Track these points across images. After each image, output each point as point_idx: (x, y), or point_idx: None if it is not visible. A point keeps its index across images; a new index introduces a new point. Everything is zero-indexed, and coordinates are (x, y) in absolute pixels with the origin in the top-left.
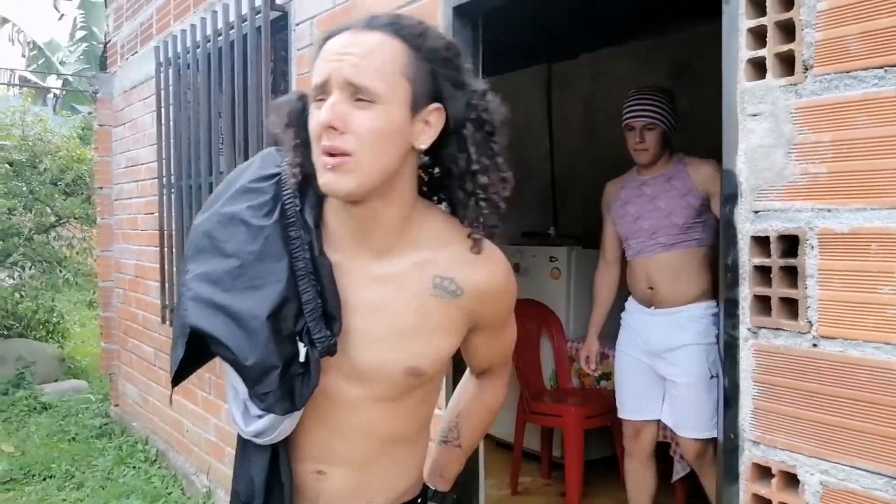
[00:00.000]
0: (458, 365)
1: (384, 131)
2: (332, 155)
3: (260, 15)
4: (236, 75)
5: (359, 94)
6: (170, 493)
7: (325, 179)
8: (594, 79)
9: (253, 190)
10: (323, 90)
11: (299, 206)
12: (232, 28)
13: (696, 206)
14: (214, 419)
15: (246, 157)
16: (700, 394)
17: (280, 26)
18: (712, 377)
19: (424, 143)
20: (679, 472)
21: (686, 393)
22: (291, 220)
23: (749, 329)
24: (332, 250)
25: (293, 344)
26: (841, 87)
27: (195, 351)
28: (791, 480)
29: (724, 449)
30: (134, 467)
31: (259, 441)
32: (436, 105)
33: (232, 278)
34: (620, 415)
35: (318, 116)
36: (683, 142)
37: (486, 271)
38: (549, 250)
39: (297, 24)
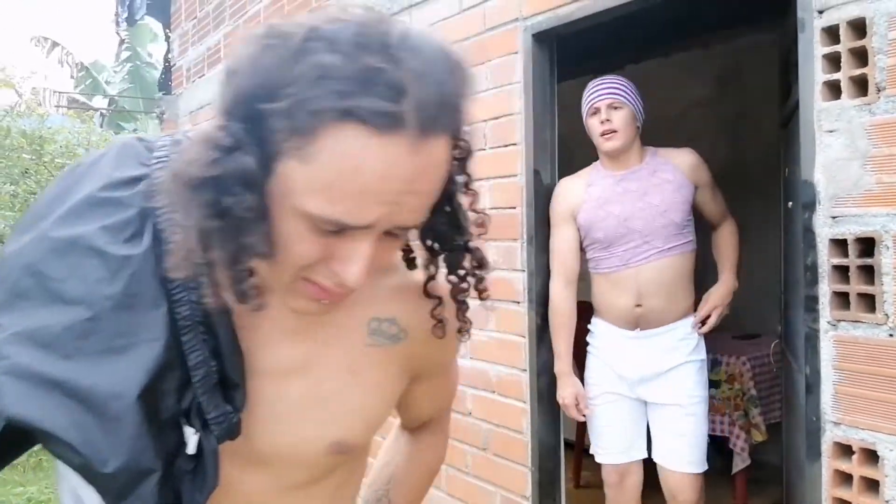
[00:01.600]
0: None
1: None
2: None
3: None
4: None
5: (396, 231)
6: None
7: (302, 307)
8: (642, 89)
9: (108, 201)
10: (344, 227)
11: None
12: None
13: (691, 201)
14: None
15: None
16: (700, 418)
17: None
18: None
19: None
20: (739, 464)
21: (686, 417)
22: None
23: (829, 322)
24: None
25: (176, 429)
26: None
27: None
28: (870, 457)
29: (807, 430)
30: None
31: None
32: None
33: (77, 337)
34: (600, 459)
35: (343, 269)
36: (730, 149)
37: (427, 307)
38: None
39: None
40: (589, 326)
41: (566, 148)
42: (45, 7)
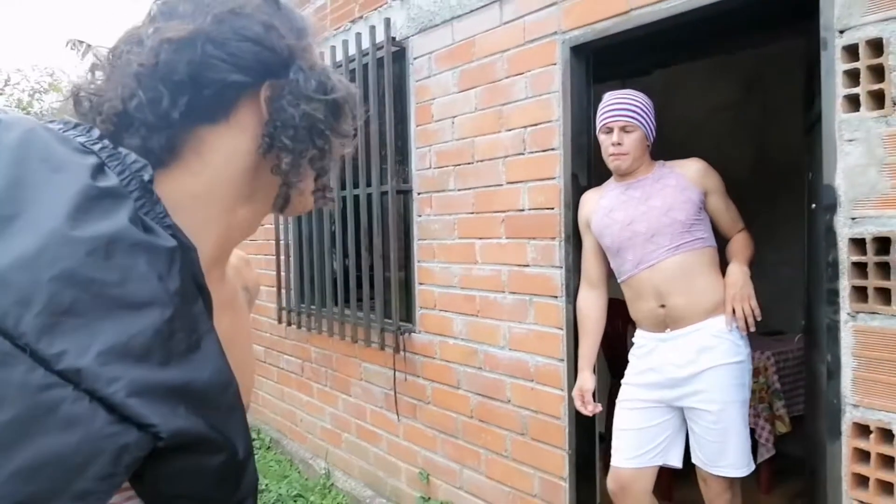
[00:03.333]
0: None
1: None
2: None
3: (382, 50)
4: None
5: None
6: (287, 476)
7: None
8: (667, 92)
9: (108, 193)
10: None
11: (164, 213)
12: (352, 61)
13: (696, 202)
14: (330, 408)
15: (368, 174)
16: (735, 422)
17: (396, 58)
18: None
19: None
20: (763, 454)
21: (718, 422)
22: (178, 240)
23: (848, 313)
24: None
25: None
26: None
27: None
28: (886, 435)
29: (828, 412)
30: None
31: None
32: None
33: (165, 340)
34: (615, 462)
35: None
36: (755, 152)
37: (253, 268)
38: None
39: (415, 59)
40: (633, 338)
41: (596, 149)
42: (79, 9)
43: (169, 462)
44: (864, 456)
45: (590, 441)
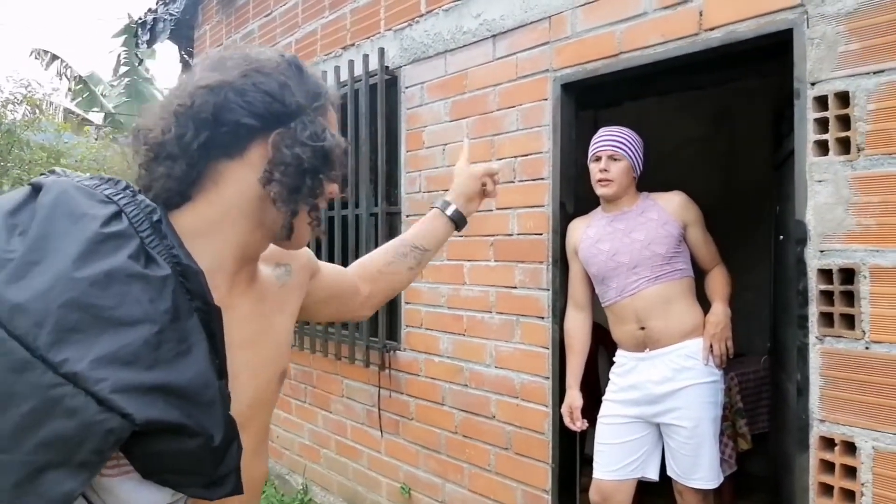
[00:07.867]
0: None
1: None
2: None
3: (375, 77)
4: (349, 127)
5: None
6: (264, 491)
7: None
8: (638, 124)
9: (115, 235)
10: None
11: (172, 245)
12: (343, 86)
13: (676, 235)
14: (309, 425)
15: (356, 196)
16: (707, 437)
17: (388, 86)
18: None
19: None
20: (726, 470)
21: (691, 437)
22: (183, 266)
23: (816, 337)
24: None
25: None
26: (885, 164)
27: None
28: (850, 448)
29: (797, 427)
30: None
31: None
32: None
33: (153, 349)
34: (597, 474)
35: None
36: (721, 182)
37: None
38: None
39: (407, 87)
40: (614, 358)
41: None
42: (41, 19)
43: (150, 443)
44: (829, 467)
45: (572, 455)
